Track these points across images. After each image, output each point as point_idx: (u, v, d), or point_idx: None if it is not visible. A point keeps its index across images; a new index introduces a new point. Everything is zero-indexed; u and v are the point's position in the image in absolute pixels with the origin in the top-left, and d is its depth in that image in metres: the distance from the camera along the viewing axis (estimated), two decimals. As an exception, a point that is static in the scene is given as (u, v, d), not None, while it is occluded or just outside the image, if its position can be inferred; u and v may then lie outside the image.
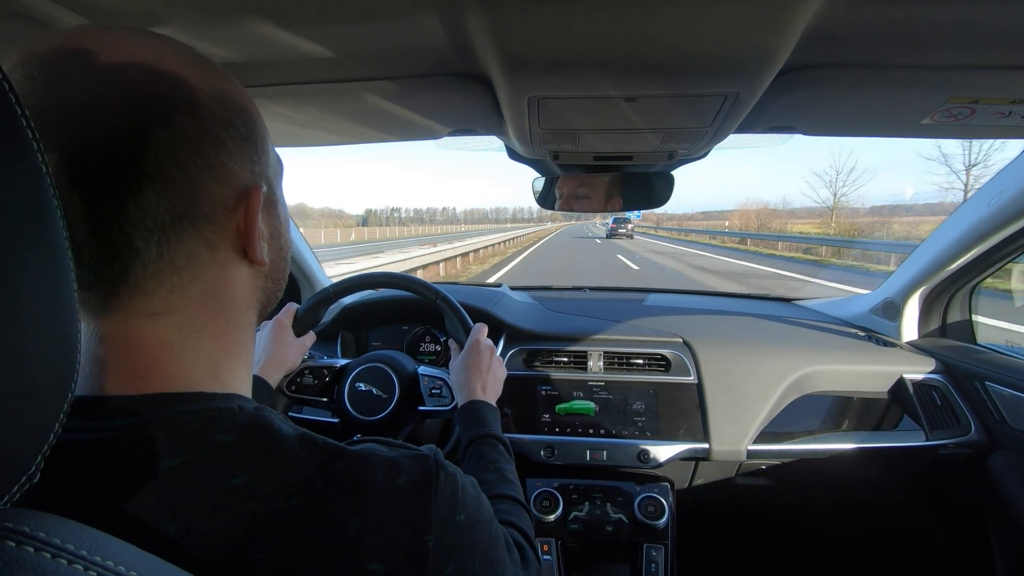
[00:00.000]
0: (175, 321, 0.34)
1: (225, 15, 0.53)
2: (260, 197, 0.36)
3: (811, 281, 10.47)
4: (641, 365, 1.22)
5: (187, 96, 0.32)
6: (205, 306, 0.36)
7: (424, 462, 0.38)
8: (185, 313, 0.35)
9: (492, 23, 0.50)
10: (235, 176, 0.35)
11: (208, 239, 0.34)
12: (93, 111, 0.30)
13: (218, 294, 0.36)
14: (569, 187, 1.14)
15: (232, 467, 0.31)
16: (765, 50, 0.54)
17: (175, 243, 0.33)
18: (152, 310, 0.33)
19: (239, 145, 0.35)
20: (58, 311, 0.24)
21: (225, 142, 0.34)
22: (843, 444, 1.11)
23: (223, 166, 0.34)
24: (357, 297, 1.37)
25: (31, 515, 0.23)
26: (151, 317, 0.33)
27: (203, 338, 0.36)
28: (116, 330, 0.33)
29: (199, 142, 0.33)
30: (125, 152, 0.30)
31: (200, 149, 0.33)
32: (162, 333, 0.34)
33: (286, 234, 0.43)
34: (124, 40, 0.32)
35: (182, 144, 0.32)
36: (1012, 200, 0.98)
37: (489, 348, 0.88)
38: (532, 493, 1.10)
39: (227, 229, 0.35)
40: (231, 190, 0.35)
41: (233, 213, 0.35)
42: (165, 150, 0.31)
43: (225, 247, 0.36)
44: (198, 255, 0.34)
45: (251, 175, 0.36)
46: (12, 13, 0.50)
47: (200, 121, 0.33)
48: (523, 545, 0.53)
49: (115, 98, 0.30)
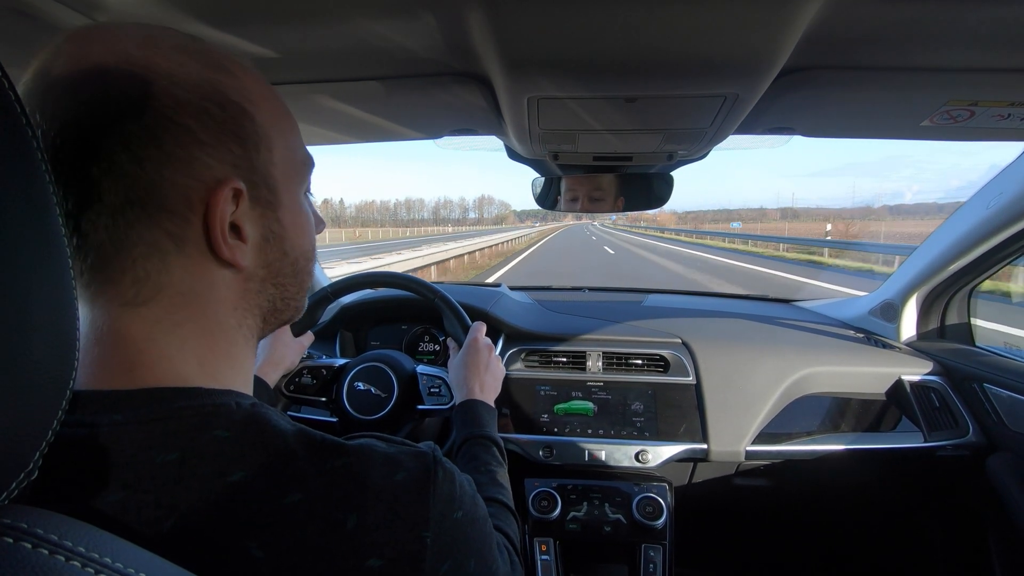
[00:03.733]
0: (152, 314, 0.34)
1: (225, 15, 0.53)
2: (224, 193, 0.34)
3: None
4: (640, 365, 1.22)
5: (156, 82, 0.32)
6: (183, 303, 0.35)
7: (422, 459, 0.38)
8: (159, 306, 0.34)
9: (492, 23, 0.50)
10: (206, 169, 0.34)
11: (169, 231, 0.33)
12: (59, 93, 0.31)
13: (194, 292, 0.35)
14: (569, 187, 1.15)
15: (230, 463, 0.31)
16: (765, 51, 0.54)
17: (125, 229, 0.32)
18: (123, 299, 0.33)
19: (216, 137, 0.34)
20: (57, 307, 0.24)
21: (196, 132, 0.33)
22: (841, 445, 1.11)
23: (190, 157, 0.33)
24: (356, 296, 1.37)
25: (29, 511, 0.23)
26: (126, 306, 0.33)
27: (185, 335, 0.35)
28: (101, 319, 0.33)
29: (158, 129, 0.32)
30: (75, 131, 0.31)
31: (156, 135, 0.32)
32: (141, 324, 0.34)
33: (297, 238, 0.41)
34: (115, 30, 0.33)
35: (136, 129, 0.31)
36: (1011, 202, 0.98)
37: (487, 347, 0.88)
38: (530, 493, 1.10)
39: (193, 224, 0.34)
40: (197, 182, 0.33)
41: (200, 207, 0.34)
42: (115, 132, 0.31)
43: (195, 243, 0.34)
44: (161, 246, 0.33)
45: (230, 169, 0.35)
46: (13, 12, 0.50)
47: (162, 108, 0.32)
48: (509, 550, 0.53)
49: (79, 80, 0.31)
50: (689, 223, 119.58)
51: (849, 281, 10.18)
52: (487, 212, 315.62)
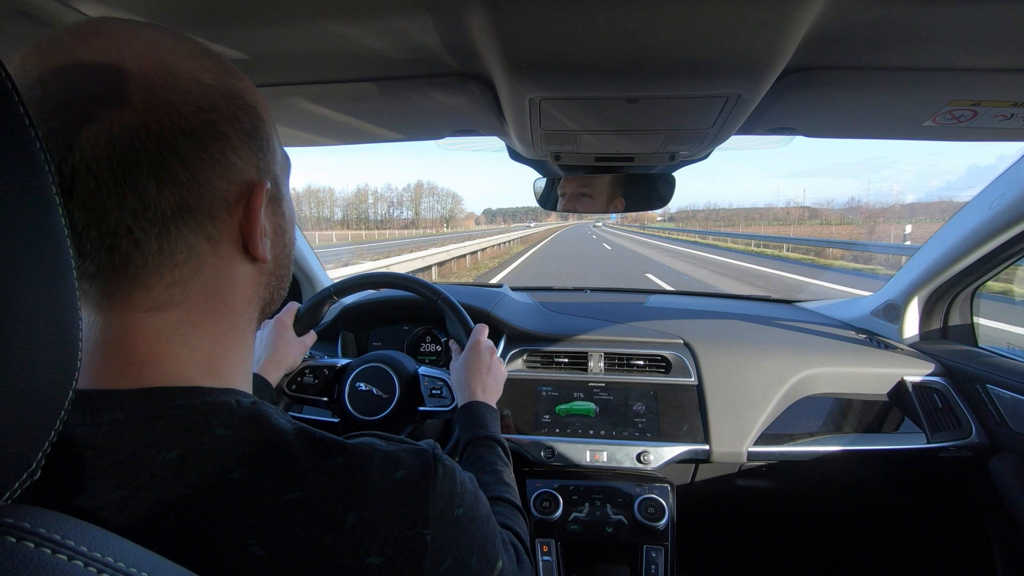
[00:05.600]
0: (174, 316, 0.34)
1: (225, 15, 0.53)
2: (263, 194, 0.36)
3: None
4: (641, 366, 1.21)
5: (193, 90, 0.33)
6: (205, 301, 0.35)
7: (422, 456, 0.38)
8: (184, 308, 0.35)
9: (494, 24, 0.50)
10: (239, 172, 0.35)
11: (209, 234, 0.34)
12: (99, 102, 0.30)
13: (219, 290, 0.36)
14: (570, 188, 1.14)
15: (230, 461, 0.31)
16: (767, 52, 0.54)
17: (175, 236, 0.33)
18: (151, 304, 0.33)
19: (244, 141, 0.35)
20: (59, 308, 0.24)
21: (230, 138, 0.34)
22: (844, 446, 1.11)
23: (227, 161, 0.34)
24: (358, 297, 1.37)
25: (32, 511, 0.23)
26: (150, 311, 0.33)
27: (201, 334, 0.36)
28: (115, 323, 0.33)
29: (203, 136, 0.33)
30: (128, 143, 0.30)
31: (204, 143, 0.33)
32: (160, 327, 0.34)
33: (290, 232, 0.43)
34: (134, 32, 0.33)
35: (186, 138, 0.32)
36: (1013, 203, 0.98)
37: (490, 349, 0.88)
38: (532, 494, 1.10)
39: (229, 225, 0.35)
40: (234, 185, 0.35)
41: (236, 209, 0.35)
42: (168, 143, 0.31)
43: (227, 243, 0.36)
44: (199, 249, 0.34)
45: (256, 171, 0.36)
46: (14, 12, 0.50)
47: (205, 115, 0.33)
48: (518, 547, 0.53)
49: (121, 89, 0.30)
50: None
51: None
52: (430, 210, 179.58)
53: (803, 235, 32.73)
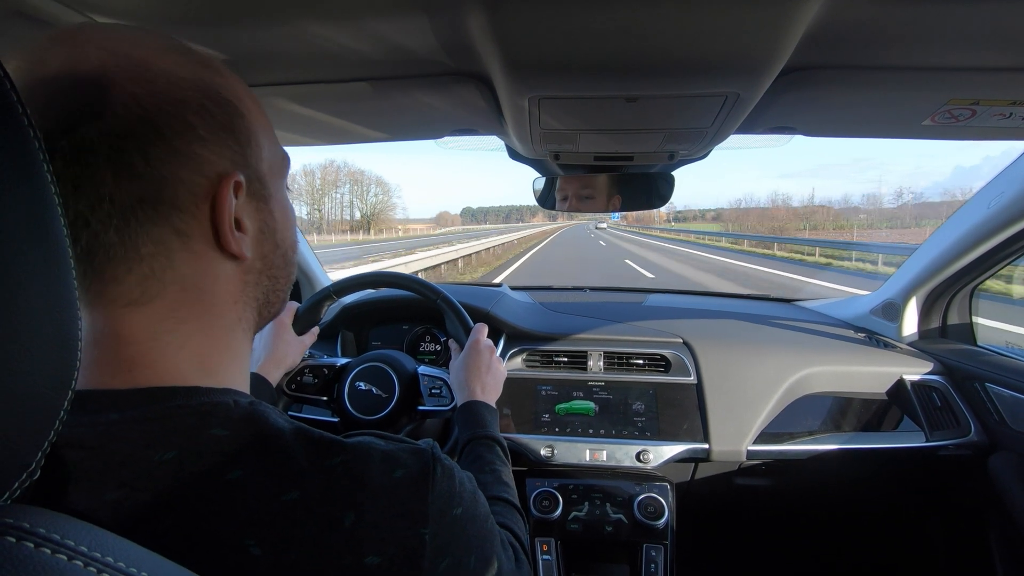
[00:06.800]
0: (154, 312, 0.34)
1: (225, 15, 0.53)
2: (229, 186, 0.35)
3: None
4: (641, 365, 1.22)
5: (159, 83, 0.32)
6: (184, 298, 0.35)
7: (421, 456, 0.38)
8: (163, 303, 0.34)
9: (493, 23, 0.50)
10: (209, 165, 0.34)
11: (177, 227, 0.34)
12: (58, 93, 0.30)
13: (199, 286, 0.36)
14: (570, 187, 1.14)
15: (228, 461, 0.31)
16: (766, 51, 0.54)
17: (136, 229, 0.32)
18: (127, 298, 0.33)
19: (216, 134, 0.35)
20: (59, 308, 0.24)
21: (198, 129, 0.34)
22: (843, 445, 1.11)
23: (193, 153, 0.34)
24: (358, 296, 1.37)
25: (31, 511, 0.23)
26: (129, 306, 0.33)
27: (188, 332, 0.35)
28: (100, 320, 0.33)
29: (166, 129, 0.32)
30: (83, 132, 0.30)
31: (166, 136, 0.32)
32: (144, 322, 0.34)
33: (286, 231, 0.42)
34: (111, 32, 0.33)
35: (147, 129, 0.32)
36: (1012, 202, 0.98)
37: (489, 348, 0.88)
38: (532, 493, 1.10)
39: (199, 219, 0.35)
40: (203, 178, 0.34)
41: (205, 202, 0.35)
42: (127, 134, 0.31)
43: (199, 238, 0.35)
44: (167, 243, 0.34)
45: (230, 165, 0.36)
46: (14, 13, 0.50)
47: (170, 107, 0.33)
48: (516, 547, 0.53)
49: (79, 80, 0.31)
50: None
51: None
52: (364, 206, 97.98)
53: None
